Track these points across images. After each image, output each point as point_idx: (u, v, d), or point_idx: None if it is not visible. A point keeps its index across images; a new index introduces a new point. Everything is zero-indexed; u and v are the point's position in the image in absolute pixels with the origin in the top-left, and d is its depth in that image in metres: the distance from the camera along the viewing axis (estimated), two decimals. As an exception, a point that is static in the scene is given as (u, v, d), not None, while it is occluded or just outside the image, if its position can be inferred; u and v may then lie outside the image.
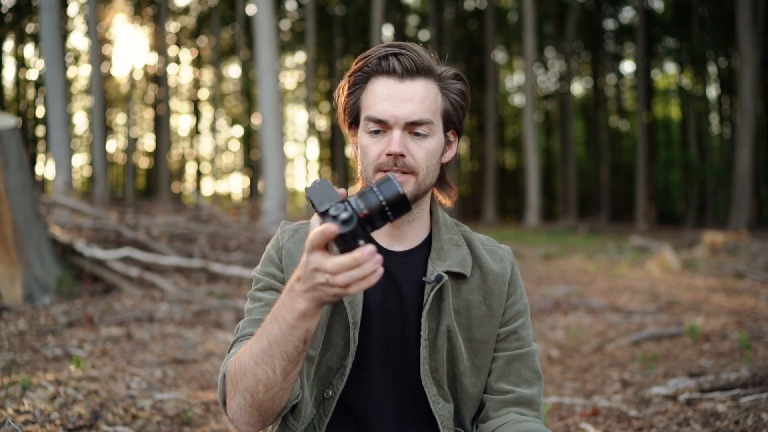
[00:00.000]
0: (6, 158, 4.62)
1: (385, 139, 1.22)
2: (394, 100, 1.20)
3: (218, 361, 3.78)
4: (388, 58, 1.22)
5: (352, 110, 1.28)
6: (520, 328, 1.33)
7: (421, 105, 1.21)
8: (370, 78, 1.25)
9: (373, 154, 1.23)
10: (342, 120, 1.33)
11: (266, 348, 1.04)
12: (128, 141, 28.62)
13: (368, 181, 1.26)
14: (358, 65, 1.26)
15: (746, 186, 18.06)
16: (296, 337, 1.01)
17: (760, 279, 7.48)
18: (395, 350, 1.27)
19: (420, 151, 1.22)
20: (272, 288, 1.30)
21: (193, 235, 7.54)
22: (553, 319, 5.39)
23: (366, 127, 1.24)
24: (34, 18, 26.73)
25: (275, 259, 1.33)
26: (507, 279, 1.34)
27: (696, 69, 27.96)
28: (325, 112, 35.32)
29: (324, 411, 1.25)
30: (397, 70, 1.21)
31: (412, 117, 1.20)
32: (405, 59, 1.21)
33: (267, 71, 12.70)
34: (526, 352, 1.33)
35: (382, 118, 1.21)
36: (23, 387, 2.74)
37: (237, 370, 1.10)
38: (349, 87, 1.27)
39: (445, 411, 1.27)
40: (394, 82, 1.22)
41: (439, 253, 1.30)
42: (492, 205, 26.82)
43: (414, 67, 1.21)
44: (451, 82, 1.27)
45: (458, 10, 31.94)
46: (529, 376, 1.32)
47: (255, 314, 1.28)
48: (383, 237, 1.32)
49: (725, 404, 2.63)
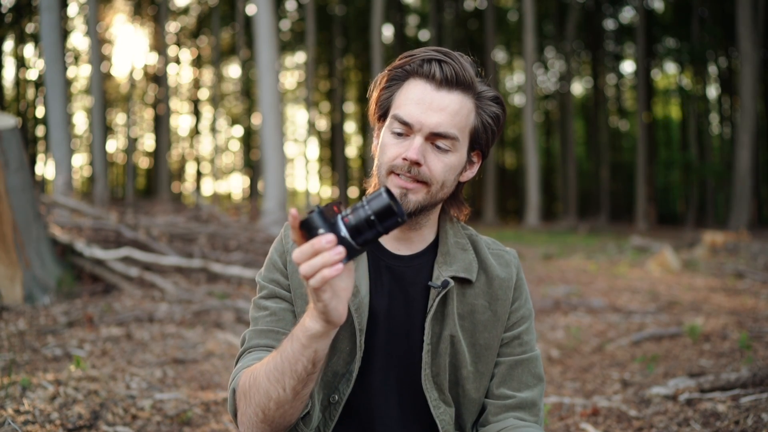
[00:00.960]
0: (6, 158, 4.62)
1: (405, 143, 1.20)
2: (425, 106, 1.18)
3: (218, 361, 3.78)
4: (431, 62, 1.19)
5: (384, 104, 1.26)
6: (524, 333, 1.33)
7: (451, 119, 1.18)
8: (409, 77, 1.22)
9: (391, 154, 1.21)
10: (372, 112, 1.30)
11: (279, 364, 1.05)
12: (128, 141, 28.62)
13: (380, 180, 1.24)
14: (401, 62, 1.23)
15: (746, 186, 18.06)
16: (306, 357, 1.02)
17: (760, 279, 7.48)
18: (400, 354, 1.27)
19: (438, 164, 1.20)
20: (277, 296, 1.30)
21: (193, 235, 7.54)
22: (553, 319, 5.39)
23: (390, 126, 1.23)
24: (34, 18, 26.73)
25: (279, 264, 1.31)
26: (513, 284, 1.33)
27: (696, 69, 27.97)
28: (325, 112, 35.33)
29: (330, 416, 1.25)
30: (436, 77, 1.18)
31: (438, 128, 1.18)
32: (447, 68, 1.18)
33: (267, 71, 12.70)
34: (529, 357, 1.32)
35: (408, 120, 1.18)
36: (23, 387, 2.74)
37: (251, 384, 1.10)
38: (386, 81, 1.25)
39: (446, 416, 1.27)
40: (430, 88, 1.19)
41: (446, 257, 1.30)
42: (492, 205, 26.82)
43: (455, 78, 1.18)
44: (489, 103, 1.24)
45: (458, 10, 31.96)
46: (531, 381, 1.31)
47: (261, 324, 1.27)
48: (390, 241, 1.32)
49: (725, 404, 2.63)
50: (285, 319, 1.27)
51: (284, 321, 1.27)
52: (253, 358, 1.21)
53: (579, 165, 30.86)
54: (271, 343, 1.25)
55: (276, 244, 1.36)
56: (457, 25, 31.85)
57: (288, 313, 1.28)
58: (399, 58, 1.25)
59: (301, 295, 1.27)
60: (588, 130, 33.68)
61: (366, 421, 1.27)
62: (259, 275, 1.34)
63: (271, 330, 1.26)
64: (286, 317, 1.28)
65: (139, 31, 31.42)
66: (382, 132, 1.26)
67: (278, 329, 1.26)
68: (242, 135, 34.61)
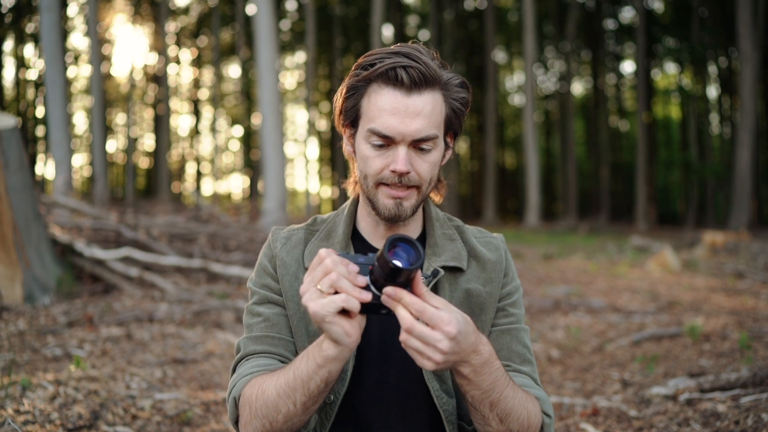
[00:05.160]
0: (6, 158, 4.62)
1: (389, 154, 1.19)
2: (401, 115, 1.16)
3: (218, 361, 3.77)
4: (395, 69, 1.15)
5: (350, 114, 1.24)
6: (510, 306, 1.33)
7: (428, 120, 1.17)
8: (372, 83, 1.19)
9: (376, 167, 1.20)
10: (338, 121, 1.29)
11: (291, 381, 1.06)
12: (128, 141, 28.61)
13: (367, 190, 1.24)
14: (361, 73, 1.20)
15: (746, 186, 18.06)
16: (320, 377, 1.03)
17: (760, 279, 7.48)
18: (396, 350, 1.26)
19: (424, 166, 1.20)
20: (269, 301, 1.30)
21: (193, 235, 7.54)
22: (553, 319, 5.38)
23: (369, 139, 1.20)
24: (34, 18, 26.75)
25: (269, 268, 1.32)
26: (503, 266, 1.35)
27: (696, 69, 27.97)
28: (325, 112, 35.31)
29: (326, 416, 1.25)
30: (405, 83, 1.15)
31: (420, 134, 1.17)
32: (413, 72, 1.15)
33: (267, 71, 12.70)
34: (516, 328, 1.32)
35: (389, 134, 1.16)
36: (23, 387, 2.74)
37: (258, 395, 1.11)
38: (347, 91, 1.23)
39: (449, 406, 1.26)
40: (401, 95, 1.16)
41: (434, 248, 1.30)
42: (492, 205, 26.83)
43: (422, 79, 1.16)
44: (457, 90, 1.24)
45: (458, 10, 31.95)
46: (521, 350, 1.31)
47: (256, 330, 1.28)
48: (378, 238, 1.32)
49: (725, 404, 2.63)
50: (279, 324, 1.28)
51: (278, 326, 1.28)
52: (252, 365, 1.22)
53: (579, 165, 30.87)
54: (268, 349, 1.25)
55: (265, 248, 1.36)
56: (457, 25, 31.85)
57: (281, 317, 1.29)
58: (357, 65, 1.22)
59: (292, 297, 1.28)
60: (588, 130, 33.68)
61: (363, 420, 1.27)
62: (251, 281, 1.35)
63: (267, 335, 1.27)
64: (280, 322, 1.28)
65: (139, 31, 31.43)
66: (358, 142, 1.24)
67: (273, 334, 1.27)
68: (242, 135, 34.62)
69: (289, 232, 1.36)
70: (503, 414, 1.10)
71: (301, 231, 1.36)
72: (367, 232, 1.34)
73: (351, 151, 1.31)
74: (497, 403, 1.08)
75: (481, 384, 1.05)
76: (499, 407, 1.09)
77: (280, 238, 1.34)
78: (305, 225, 1.39)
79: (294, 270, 1.30)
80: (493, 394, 1.07)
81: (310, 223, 1.39)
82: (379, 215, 1.24)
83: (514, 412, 1.11)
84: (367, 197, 1.27)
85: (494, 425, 1.11)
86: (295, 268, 1.30)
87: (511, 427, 1.11)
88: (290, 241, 1.33)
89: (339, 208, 1.42)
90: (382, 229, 1.31)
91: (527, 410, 1.13)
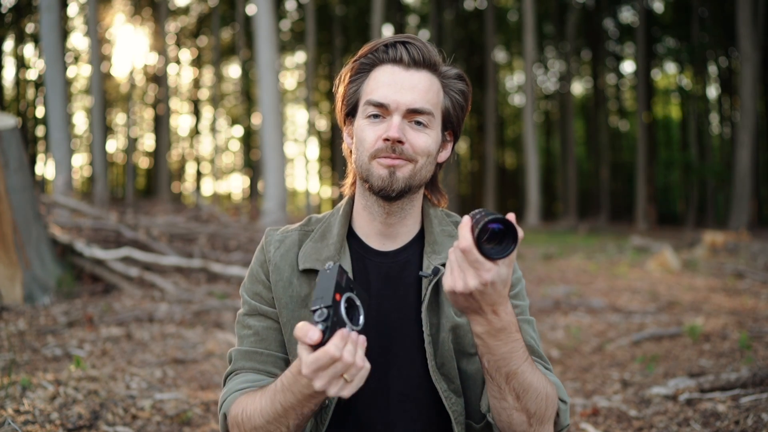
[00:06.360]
0: (6, 158, 4.62)
1: (383, 125, 1.20)
2: (397, 86, 1.19)
3: (218, 361, 3.77)
4: (396, 46, 1.21)
5: (352, 99, 1.26)
6: (513, 297, 1.30)
7: (425, 95, 1.20)
8: (375, 66, 1.23)
9: (370, 139, 1.21)
10: (339, 109, 1.30)
11: (280, 411, 1.07)
12: (128, 141, 28.59)
13: (362, 170, 1.23)
14: (364, 51, 1.24)
15: (746, 186, 18.06)
16: (313, 403, 1.05)
17: (760, 279, 7.48)
18: (396, 351, 1.26)
19: (419, 139, 1.20)
20: (259, 313, 1.30)
21: (193, 235, 7.54)
22: (553, 319, 5.39)
23: (365, 112, 1.22)
24: (34, 18, 26.73)
25: (261, 275, 1.31)
26: None
27: (696, 69, 27.96)
28: (325, 112, 35.30)
29: (321, 420, 1.25)
30: (404, 59, 1.20)
31: (414, 104, 1.19)
32: (413, 49, 1.20)
33: (267, 71, 12.70)
34: (521, 318, 1.28)
35: (384, 102, 1.19)
36: (23, 387, 2.74)
37: (244, 420, 1.12)
38: (351, 75, 1.25)
39: (458, 406, 1.25)
40: (399, 70, 1.21)
41: (434, 246, 1.29)
42: (492, 205, 26.81)
43: (421, 58, 1.21)
44: (454, 81, 1.26)
45: (458, 10, 31.95)
46: (529, 341, 1.27)
47: (246, 344, 1.29)
48: (374, 238, 1.31)
49: (725, 404, 2.63)
50: (268, 339, 1.29)
51: (267, 341, 1.29)
52: (241, 381, 1.23)
53: (579, 165, 30.84)
54: (256, 366, 1.27)
55: (258, 252, 1.35)
56: (457, 25, 31.84)
57: (271, 331, 1.29)
58: (361, 50, 1.26)
59: (286, 304, 1.27)
60: (588, 130, 33.68)
61: (366, 421, 1.26)
62: (243, 287, 1.35)
63: (255, 351, 1.28)
64: (269, 336, 1.29)
65: (139, 31, 31.42)
66: (356, 123, 1.26)
67: (261, 350, 1.28)
68: (242, 135, 34.61)
69: (283, 234, 1.35)
70: (520, 389, 1.09)
71: (295, 232, 1.35)
72: (362, 231, 1.33)
73: (350, 144, 1.30)
74: (513, 376, 1.08)
75: (496, 350, 1.06)
76: (516, 380, 1.08)
77: (274, 241, 1.33)
78: (299, 225, 1.38)
79: (288, 275, 1.29)
80: (511, 364, 1.07)
81: (305, 223, 1.38)
82: (373, 189, 1.23)
83: (531, 389, 1.10)
84: (362, 179, 1.25)
85: (510, 401, 1.10)
86: (288, 273, 1.29)
87: (528, 406, 1.10)
88: (284, 244, 1.32)
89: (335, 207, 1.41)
90: (377, 226, 1.29)
91: (546, 392, 1.12)
